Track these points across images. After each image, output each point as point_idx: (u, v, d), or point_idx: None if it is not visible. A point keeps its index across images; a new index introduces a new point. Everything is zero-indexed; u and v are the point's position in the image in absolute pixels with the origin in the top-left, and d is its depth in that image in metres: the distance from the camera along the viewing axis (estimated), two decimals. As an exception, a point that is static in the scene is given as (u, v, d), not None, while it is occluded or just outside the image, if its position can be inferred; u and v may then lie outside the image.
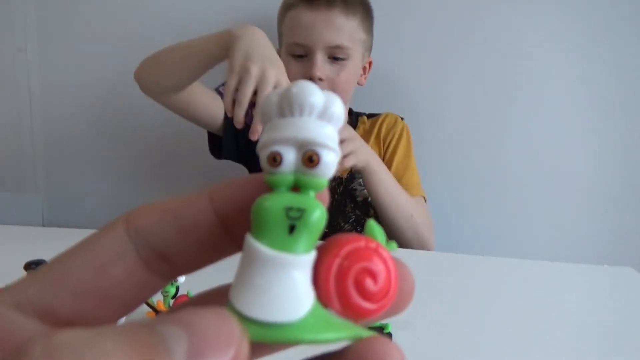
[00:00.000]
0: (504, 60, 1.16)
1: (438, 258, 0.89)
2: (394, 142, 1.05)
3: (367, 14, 0.99)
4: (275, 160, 0.15)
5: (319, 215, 0.15)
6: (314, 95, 0.15)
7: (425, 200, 1.04)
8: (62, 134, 1.27)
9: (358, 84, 1.03)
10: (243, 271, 0.14)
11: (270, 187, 0.15)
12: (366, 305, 0.15)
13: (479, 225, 1.24)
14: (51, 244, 0.85)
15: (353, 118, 1.10)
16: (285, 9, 0.98)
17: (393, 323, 0.54)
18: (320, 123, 0.15)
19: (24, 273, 0.56)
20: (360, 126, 1.08)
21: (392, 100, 1.13)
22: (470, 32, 1.15)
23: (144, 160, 1.26)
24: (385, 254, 0.16)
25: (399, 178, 0.99)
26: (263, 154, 0.15)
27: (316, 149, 0.15)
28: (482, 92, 1.18)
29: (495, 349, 0.57)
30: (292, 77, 0.87)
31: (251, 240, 0.14)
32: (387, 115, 1.09)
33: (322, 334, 0.14)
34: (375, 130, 1.06)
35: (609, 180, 1.19)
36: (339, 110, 0.16)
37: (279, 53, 1.04)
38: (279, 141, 0.15)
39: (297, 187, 0.15)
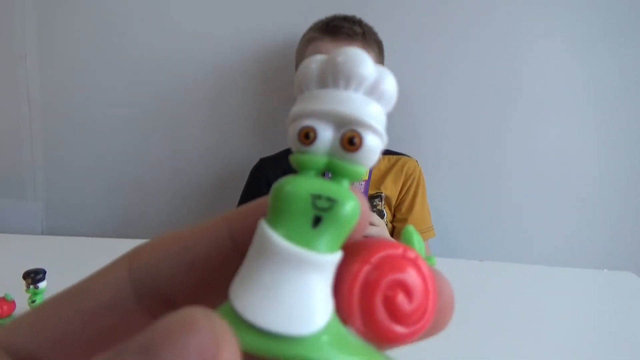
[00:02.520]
0: (502, 64, 1.16)
1: (437, 263, 0.88)
2: (413, 187, 1.09)
3: (380, 51, 1.05)
4: (308, 137, 0.12)
5: (352, 208, 0.12)
6: (365, 66, 0.13)
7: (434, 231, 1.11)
8: (61, 141, 1.27)
9: None
10: (250, 264, 0.12)
11: (296, 168, 0.13)
12: (396, 328, 0.12)
13: (477, 230, 1.24)
14: (50, 252, 0.85)
15: None
16: (307, 42, 1.02)
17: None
18: (368, 100, 0.13)
19: (22, 282, 0.56)
20: (376, 164, 1.09)
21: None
22: (468, 35, 1.15)
23: (144, 167, 1.26)
24: (424, 266, 0.13)
25: (416, 222, 1.07)
26: (293, 128, 0.13)
27: (359, 130, 0.12)
28: (481, 96, 1.18)
29: (495, 354, 0.56)
30: None
31: (265, 228, 0.12)
32: (407, 160, 1.11)
33: (336, 358, 0.11)
34: (395, 171, 1.09)
35: (609, 185, 1.19)
36: (392, 88, 0.13)
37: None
38: (314, 114, 0.12)
39: (327, 173, 0.13)
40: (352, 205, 0.12)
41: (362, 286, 0.12)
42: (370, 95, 0.13)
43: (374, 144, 0.13)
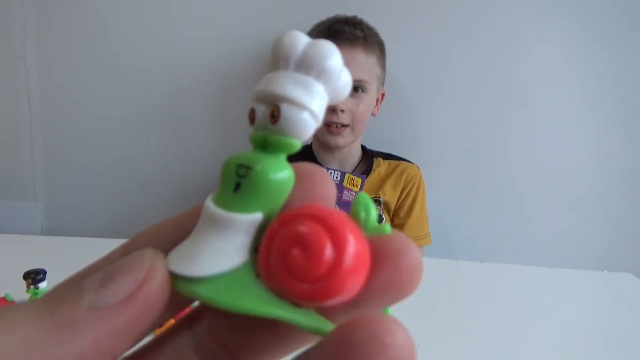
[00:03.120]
0: (502, 67, 1.16)
1: (437, 264, 0.88)
2: (412, 193, 1.09)
3: (382, 52, 1.06)
4: (251, 117, 0.14)
5: (267, 176, 0.13)
6: (287, 45, 0.14)
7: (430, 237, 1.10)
8: (61, 141, 1.27)
9: (372, 114, 1.07)
10: (197, 229, 0.14)
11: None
12: (294, 284, 0.12)
13: (478, 231, 1.24)
14: (50, 252, 0.85)
15: (368, 158, 1.12)
16: None
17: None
18: (295, 76, 0.14)
19: (23, 282, 0.56)
20: (376, 169, 1.10)
21: (391, 104, 1.14)
22: (468, 38, 1.16)
23: (144, 168, 1.26)
24: (339, 224, 0.12)
25: (414, 227, 1.07)
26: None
27: (278, 104, 0.14)
28: (481, 98, 1.18)
29: (496, 354, 0.56)
30: None
31: (209, 196, 0.14)
32: (407, 165, 1.11)
33: (224, 298, 0.12)
34: (394, 176, 1.09)
35: (609, 186, 1.19)
36: (329, 63, 0.14)
37: None
38: (254, 97, 0.14)
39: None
40: (270, 172, 0.13)
41: (269, 243, 0.13)
42: (299, 69, 0.14)
43: (292, 114, 0.13)
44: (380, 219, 1.05)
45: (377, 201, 1.06)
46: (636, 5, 1.12)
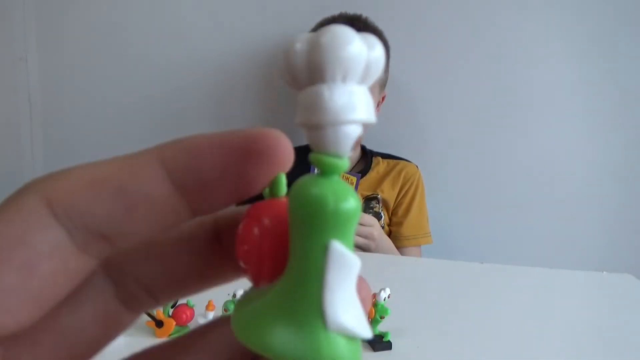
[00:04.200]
0: (503, 67, 1.16)
1: (437, 265, 0.89)
2: (411, 191, 1.09)
3: (386, 56, 1.03)
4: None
5: None
6: (360, 53, 0.11)
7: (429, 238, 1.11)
8: (61, 141, 1.27)
9: None
10: (335, 282, 0.12)
11: (321, 169, 0.12)
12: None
13: (478, 232, 1.24)
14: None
15: (368, 157, 1.12)
16: None
17: (392, 331, 0.54)
18: (365, 91, 0.12)
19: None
20: (375, 167, 1.10)
21: (392, 103, 1.14)
22: (470, 39, 1.16)
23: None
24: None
25: (412, 226, 1.07)
26: (334, 129, 0.12)
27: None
28: (482, 100, 1.18)
29: (495, 356, 0.56)
30: None
31: (339, 248, 0.12)
32: (406, 164, 1.12)
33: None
34: (393, 174, 1.09)
35: (609, 187, 1.19)
36: (382, 64, 0.12)
37: None
38: (357, 120, 0.12)
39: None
40: None
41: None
42: (364, 82, 0.12)
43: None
44: (378, 217, 1.05)
45: (375, 198, 1.06)
46: (637, 7, 1.12)
